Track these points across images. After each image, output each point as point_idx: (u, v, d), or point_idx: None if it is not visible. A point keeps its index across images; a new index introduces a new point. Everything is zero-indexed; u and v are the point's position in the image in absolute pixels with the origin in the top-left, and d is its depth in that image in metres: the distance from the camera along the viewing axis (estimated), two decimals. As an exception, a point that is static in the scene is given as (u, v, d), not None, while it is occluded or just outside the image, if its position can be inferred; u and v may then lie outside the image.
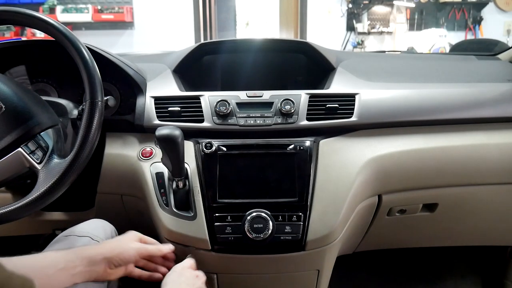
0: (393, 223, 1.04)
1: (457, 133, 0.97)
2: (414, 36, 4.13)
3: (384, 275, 1.55)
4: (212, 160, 0.88)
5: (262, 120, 0.91)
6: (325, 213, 0.85)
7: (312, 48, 1.08)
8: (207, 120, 0.92)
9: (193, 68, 1.11)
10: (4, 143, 0.67)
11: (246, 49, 1.17)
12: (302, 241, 0.83)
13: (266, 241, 0.82)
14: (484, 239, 1.20)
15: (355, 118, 0.93)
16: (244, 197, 0.86)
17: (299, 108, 0.92)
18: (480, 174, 0.98)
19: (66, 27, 0.75)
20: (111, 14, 4.11)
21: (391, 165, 0.93)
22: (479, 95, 0.99)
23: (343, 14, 4.26)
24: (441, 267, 1.56)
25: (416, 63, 1.21)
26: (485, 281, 1.49)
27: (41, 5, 4.04)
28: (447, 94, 0.98)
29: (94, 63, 0.74)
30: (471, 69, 1.14)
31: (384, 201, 0.97)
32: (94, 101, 0.72)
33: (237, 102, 0.93)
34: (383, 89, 0.98)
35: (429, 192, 0.99)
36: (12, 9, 0.73)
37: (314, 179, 0.87)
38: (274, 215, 0.83)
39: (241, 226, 0.82)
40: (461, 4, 4.21)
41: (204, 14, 4.40)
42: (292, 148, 0.89)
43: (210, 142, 0.90)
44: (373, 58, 1.28)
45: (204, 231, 0.83)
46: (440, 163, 0.95)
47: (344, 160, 0.90)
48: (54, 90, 1.01)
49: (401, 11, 4.23)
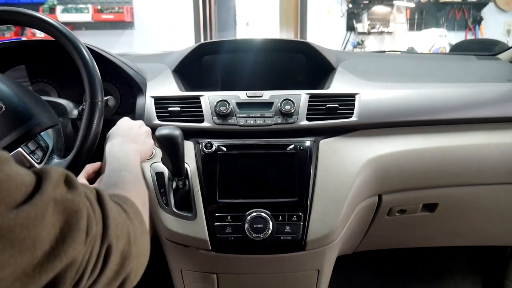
0: (393, 223, 1.04)
1: (457, 133, 0.97)
2: (414, 36, 4.13)
3: (384, 275, 1.55)
4: (212, 160, 0.88)
5: (262, 120, 0.91)
6: (325, 213, 0.85)
7: (312, 48, 1.08)
8: (207, 120, 0.92)
9: (193, 68, 1.11)
10: (4, 143, 0.67)
11: (246, 49, 1.17)
12: (302, 241, 0.83)
13: (266, 241, 0.82)
14: (484, 239, 1.20)
15: (355, 118, 0.93)
16: (244, 197, 0.86)
17: (299, 108, 0.92)
18: (480, 174, 0.98)
19: (66, 27, 0.75)
20: (111, 14, 4.10)
21: (391, 165, 0.93)
22: (479, 95, 0.99)
23: (343, 14, 4.26)
24: (441, 267, 1.56)
25: (416, 63, 1.21)
26: (485, 281, 1.49)
27: (41, 5, 4.03)
28: (447, 94, 0.98)
29: (94, 63, 0.74)
30: (471, 69, 1.14)
31: (384, 201, 0.97)
32: (94, 101, 0.72)
33: (237, 102, 0.93)
34: (383, 89, 0.98)
35: (429, 192, 0.99)
36: (12, 9, 0.73)
37: (314, 179, 0.87)
38: (274, 215, 0.83)
39: (241, 226, 0.82)
40: (461, 4, 4.21)
41: (204, 14, 4.39)
42: (292, 148, 0.89)
43: (210, 142, 0.90)
44: (373, 58, 1.28)
45: (204, 231, 0.83)
46: (440, 163, 0.95)
47: (344, 160, 0.90)
48: (54, 90, 1.01)
49: (401, 11, 4.23)
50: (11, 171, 0.29)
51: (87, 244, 0.34)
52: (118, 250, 0.39)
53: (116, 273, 0.40)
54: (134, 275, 0.44)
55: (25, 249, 0.28)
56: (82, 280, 0.34)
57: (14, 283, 0.28)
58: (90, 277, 0.35)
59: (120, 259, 0.40)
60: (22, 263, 0.28)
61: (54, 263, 0.30)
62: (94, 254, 0.35)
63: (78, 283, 0.34)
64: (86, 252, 0.34)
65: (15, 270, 0.28)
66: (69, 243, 0.31)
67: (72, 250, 0.31)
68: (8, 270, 0.27)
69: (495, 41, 2.79)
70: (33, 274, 0.29)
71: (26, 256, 0.28)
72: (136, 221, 0.46)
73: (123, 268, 0.40)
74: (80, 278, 0.34)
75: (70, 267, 0.32)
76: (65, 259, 0.31)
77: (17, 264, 0.28)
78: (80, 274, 0.34)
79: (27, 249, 0.28)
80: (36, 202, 0.29)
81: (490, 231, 1.15)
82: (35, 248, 0.29)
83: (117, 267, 0.40)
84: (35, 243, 0.29)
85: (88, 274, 0.35)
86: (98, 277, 0.36)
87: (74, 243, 0.31)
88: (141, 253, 0.45)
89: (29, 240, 0.28)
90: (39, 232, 0.29)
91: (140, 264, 0.45)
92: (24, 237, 0.28)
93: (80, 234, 0.32)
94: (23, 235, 0.28)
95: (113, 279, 0.40)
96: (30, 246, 0.28)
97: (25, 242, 0.28)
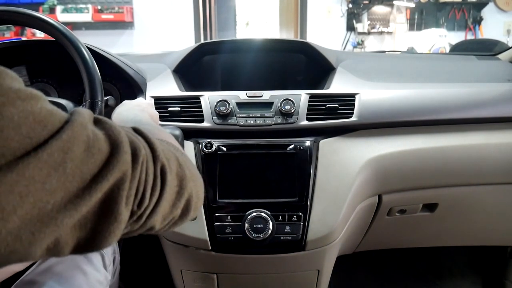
0: (393, 223, 1.04)
1: (457, 133, 0.97)
2: (414, 36, 4.13)
3: (384, 275, 1.55)
4: (212, 160, 0.88)
5: (262, 120, 0.91)
6: (325, 213, 0.85)
7: (312, 48, 1.08)
8: (207, 120, 0.92)
9: (193, 68, 1.11)
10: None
11: (246, 49, 1.17)
12: (302, 241, 0.83)
13: (266, 241, 0.82)
14: (484, 239, 1.20)
15: (355, 118, 0.93)
16: (244, 197, 0.86)
17: (299, 108, 0.92)
18: (480, 174, 0.98)
19: (66, 27, 0.75)
20: (111, 14, 4.11)
21: (391, 165, 0.93)
22: (479, 95, 0.99)
23: (343, 14, 4.26)
24: (441, 267, 1.56)
25: (416, 63, 1.21)
26: (485, 281, 1.49)
27: (41, 5, 4.03)
28: (447, 94, 0.98)
29: (94, 63, 0.74)
30: (471, 69, 1.14)
31: (384, 201, 0.97)
32: (94, 101, 0.72)
33: (237, 102, 0.93)
34: (383, 89, 0.98)
35: (429, 192, 0.99)
36: (12, 9, 0.73)
37: (314, 179, 0.87)
38: (274, 215, 0.83)
39: (241, 226, 0.82)
40: (461, 4, 4.21)
41: (204, 14, 4.39)
42: (292, 148, 0.89)
43: (210, 142, 0.90)
44: (373, 58, 1.28)
45: (204, 231, 0.83)
46: (440, 163, 0.95)
47: (344, 160, 0.90)
48: (54, 90, 1.01)
49: (401, 11, 4.23)
50: (47, 105, 0.31)
51: (140, 164, 0.35)
52: (172, 171, 0.40)
53: (178, 193, 0.41)
54: (196, 197, 0.45)
55: (70, 173, 0.29)
56: (144, 199, 0.36)
57: (67, 206, 0.29)
58: (152, 197, 0.37)
59: (177, 180, 0.41)
60: (70, 186, 0.30)
61: (102, 183, 0.31)
62: (150, 174, 0.37)
63: (142, 202, 0.36)
64: (142, 173, 0.36)
65: (66, 194, 0.29)
66: (114, 164, 0.33)
67: (118, 170, 0.33)
68: (59, 194, 0.29)
69: (495, 41, 2.79)
70: (83, 195, 0.30)
71: (73, 180, 0.30)
72: (178, 150, 0.47)
73: (182, 188, 0.42)
74: (142, 198, 0.36)
75: (120, 185, 0.33)
76: (112, 179, 0.32)
77: (66, 188, 0.29)
78: (141, 193, 0.36)
79: (72, 172, 0.30)
80: (73, 126, 0.30)
81: (490, 231, 1.15)
82: (81, 171, 0.30)
83: (176, 188, 0.41)
84: (79, 166, 0.30)
85: (149, 193, 0.37)
86: (160, 196, 0.38)
87: (119, 163, 0.33)
88: (195, 176, 0.46)
89: (71, 163, 0.30)
90: (81, 155, 0.30)
91: (198, 186, 0.46)
92: (64, 160, 0.29)
93: (125, 156, 0.34)
94: (63, 158, 0.29)
95: (176, 200, 0.41)
96: (75, 169, 0.30)
97: (68, 166, 0.29)
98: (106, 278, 0.79)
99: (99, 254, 0.81)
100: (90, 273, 0.74)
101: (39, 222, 0.28)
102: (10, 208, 0.26)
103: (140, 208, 0.36)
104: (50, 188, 0.28)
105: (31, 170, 0.27)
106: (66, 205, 0.29)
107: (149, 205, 0.37)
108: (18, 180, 0.26)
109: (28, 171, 0.27)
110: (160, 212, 0.39)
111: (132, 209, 0.35)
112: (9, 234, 0.26)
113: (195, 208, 0.46)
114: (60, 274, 0.70)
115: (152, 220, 0.39)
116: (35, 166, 0.27)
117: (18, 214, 0.26)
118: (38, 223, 0.28)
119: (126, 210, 0.34)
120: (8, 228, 0.26)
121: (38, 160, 0.27)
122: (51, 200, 0.28)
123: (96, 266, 0.78)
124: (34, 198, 0.27)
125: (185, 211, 0.44)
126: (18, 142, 0.27)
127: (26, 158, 0.27)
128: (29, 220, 0.27)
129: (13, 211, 0.26)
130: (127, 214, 0.34)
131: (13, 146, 0.27)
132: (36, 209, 0.27)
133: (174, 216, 0.42)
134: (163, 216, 0.40)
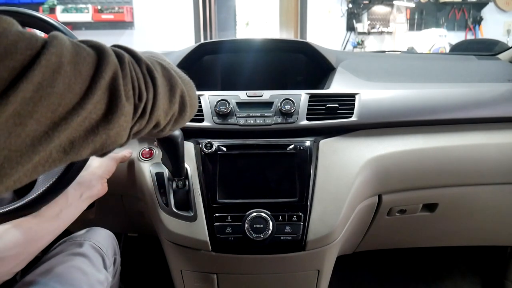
0: (393, 223, 1.04)
1: (457, 133, 0.97)
2: (414, 36, 4.13)
3: (384, 275, 1.55)
4: (212, 160, 0.88)
5: (262, 120, 0.91)
6: (325, 213, 0.85)
7: (312, 48, 1.08)
8: (207, 119, 0.91)
9: (193, 68, 1.11)
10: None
11: (246, 49, 1.17)
12: (302, 241, 0.83)
13: (266, 241, 0.81)
14: (484, 239, 1.20)
15: (355, 118, 0.93)
16: (244, 197, 0.86)
17: (299, 108, 0.92)
18: (480, 174, 0.98)
19: (66, 27, 0.75)
20: (111, 14, 4.11)
21: (391, 165, 0.93)
22: (479, 95, 0.99)
23: (343, 14, 4.26)
24: (441, 267, 1.56)
25: (416, 63, 1.20)
26: (485, 281, 1.49)
27: (41, 5, 4.03)
28: (447, 94, 0.98)
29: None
30: (471, 69, 1.14)
31: (384, 201, 0.97)
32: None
33: (237, 101, 0.93)
34: (383, 89, 0.98)
35: (429, 192, 0.99)
36: (12, 9, 0.73)
37: (314, 179, 0.87)
38: (274, 215, 0.83)
39: (241, 226, 0.82)
40: (461, 4, 4.21)
41: (204, 14, 4.39)
42: (292, 148, 0.89)
43: (210, 142, 0.90)
44: (373, 58, 1.28)
45: (204, 231, 0.83)
46: (440, 163, 0.95)
47: (344, 160, 0.90)
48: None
49: (401, 11, 4.23)
50: (22, 30, 0.32)
51: (127, 64, 0.38)
52: (158, 71, 0.44)
53: (170, 90, 0.45)
54: (189, 96, 0.49)
55: (72, 74, 0.32)
56: (142, 92, 0.40)
57: (75, 106, 0.32)
58: (148, 91, 0.41)
59: (165, 79, 0.45)
60: (75, 88, 0.32)
61: (100, 82, 0.34)
62: (138, 72, 0.40)
63: (140, 96, 0.39)
64: (131, 71, 0.39)
65: (73, 96, 0.32)
66: (105, 64, 0.35)
67: (109, 69, 0.35)
68: (68, 96, 0.31)
69: (495, 41, 2.79)
70: (87, 95, 0.33)
71: (75, 81, 0.32)
72: (160, 57, 0.50)
73: (172, 85, 0.46)
74: (140, 92, 0.39)
75: (114, 81, 0.36)
76: (107, 77, 0.35)
77: (72, 89, 0.32)
78: (138, 88, 0.39)
79: (73, 74, 0.32)
80: (57, 38, 0.32)
81: (490, 231, 1.15)
82: (80, 72, 0.32)
83: (167, 86, 0.45)
84: (77, 68, 0.32)
85: (143, 88, 0.40)
86: (155, 91, 0.42)
87: (109, 63, 0.35)
88: (183, 77, 0.51)
89: (69, 66, 0.32)
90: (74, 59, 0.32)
91: (189, 86, 0.51)
92: (62, 63, 0.31)
93: (111, 57, 0.36)
94: (60, 62, 0.31)
95: (171, 96, 0.45)
96: (74, 71, 0.32)
97: (66, 69, 0.31)
98: (107, 279, 0.79)
99: (100, 255, 0.81)
100: (91, 274, 0.74)
101: (52, 123, 0.30)
102: (26, 114, 0.29)
103: (141, 100, 0.39)
104: (58, 91, 0.30)
105: (39, 76, 0.29)
106: (74, 106, 0.32)
107: (148, 99, 0.40)
108: (28, 87, 0.28)
109: (37, 77, 0.29)
110: (160, 107, 0.43)
111: (134, 102, 0.38)
112: (27, 136, 0.29)
113: (191, 106, 0.51)
114: (61, 275, 0.70)
115: (156, 115, 0.43)
116: (39, 72, 0.29)
117: (34, 118, 0.29)
118: (51, 124, 0.30)
119: (129, 104, 0.37)
120: (26, 132, 0.29)
121: (41, 66, 0.29)
122: (62, 102, 0.31)
123: (97, 267, 0.78)
124: (47, 102, 0.30)
125: (182, 107, 0.48)
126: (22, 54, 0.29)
127: (30, 68, 0.29)
128: (43, 123, 0.30)
129: (30, 115, 0.29)
130: (130, 107, 0.38)
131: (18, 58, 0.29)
132: (49, 112, 0.30)
133: (174, 112, 0.47)
134: (164, 111, 0.44)
